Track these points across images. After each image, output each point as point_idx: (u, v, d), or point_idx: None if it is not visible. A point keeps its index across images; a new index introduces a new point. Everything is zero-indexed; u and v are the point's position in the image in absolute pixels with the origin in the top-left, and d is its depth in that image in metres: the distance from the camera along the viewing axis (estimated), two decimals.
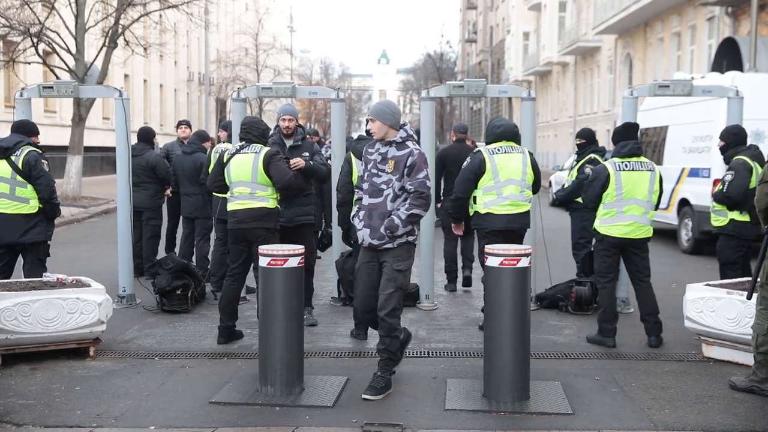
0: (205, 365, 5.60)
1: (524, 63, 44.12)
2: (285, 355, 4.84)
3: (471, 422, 4.46)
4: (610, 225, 6.04)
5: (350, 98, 69.67)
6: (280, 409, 4.62)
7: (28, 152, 6.31)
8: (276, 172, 5.87)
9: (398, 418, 4.44)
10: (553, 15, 37.86)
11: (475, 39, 63.18)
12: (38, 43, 17.33)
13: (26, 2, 17.23)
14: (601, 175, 6.06)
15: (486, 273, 4.95)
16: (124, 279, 7.46)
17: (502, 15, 52.29)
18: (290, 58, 48.17)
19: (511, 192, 6.08)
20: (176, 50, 34.15)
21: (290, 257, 4.84)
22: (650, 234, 6.11)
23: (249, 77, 36.49)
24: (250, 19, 42.73)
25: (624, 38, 28.91)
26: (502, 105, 49.57)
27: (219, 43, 42.31)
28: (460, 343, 6.24)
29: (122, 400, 4.75)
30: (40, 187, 6.29)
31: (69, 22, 18.18)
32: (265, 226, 5.91)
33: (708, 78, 11.50)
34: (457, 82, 7.57)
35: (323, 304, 7.54)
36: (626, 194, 6.00)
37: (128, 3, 18.58)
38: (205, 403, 4.70)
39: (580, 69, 35.68)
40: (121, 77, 28.88)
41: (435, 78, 51.76)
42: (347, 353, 5.93)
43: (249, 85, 10.69)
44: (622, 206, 6.00)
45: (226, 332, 6.09)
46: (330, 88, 8.07)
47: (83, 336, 5.66)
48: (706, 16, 21.28)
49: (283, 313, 4.83)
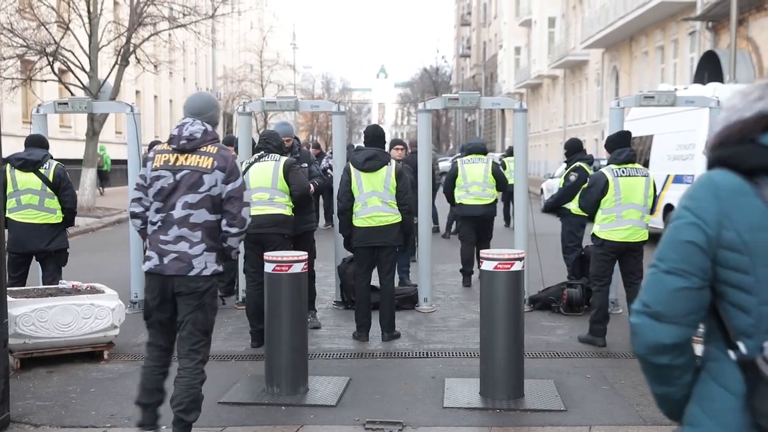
0: (213, 367, 5.67)
1: (516, 76, 44.59)
2: (290, 356, 4.96)
3: (468, 419, 4.57)
4: (610, 230, 6.15)
5: (351, 111, 70.16)
6: (285, 409, 4.73)
7: (57, 165, 6.65)
8: (295, 179, 6.10)
9: (399, 416, 4.53)
10: (543, 30, 38.41)
11: (469, 54, 63.64)
12: (54, 62, 17.68)
13: (42, 23, 17.63)
14: (599, 182, 6.18)
15: (481, 276, 5.11)
16: (136, 285, 7.61)
17: (494, 31, 52.70)
18: (293, 73, 48.49)
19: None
20: (185, 67, 34.58)
21: (294, 263, 4.98)
22: (647, 237, 6.23)
23: (254, 92, 36.78)
24: (255, 37, 43.13)
25: (610, 52, 29.25)
26: (496, 116, 49.81)
27: (225, 60, 42.70)
28: (458, 343, 6.35)
29: None
30: (67, 198, 6.60)
31: (83, 42, 18.53)
32: (281, 232, 6.07)
33: (690, 89, 11.71)
34: (453, 95, 7.73)
35: (326, 308, 7.67)
36: (624, 199, 6.11)
37: (139, 23, 18.93)
38: (214, 403, 4.80)
39: (569, 81, 36.09)
40: (132, 93, 29.25)
41: (431, 91, 52.19)
42: (350, 354, 6.04)
43: (254, 99, 10.93)
44: (620, 211, 6.11)
45: (258, 336, 6.02)
46: (331, 101, 8.28)
47: (98, 340, 5.82)
48: (688, 30, 21.53)
49: (288, 317, 4.95)
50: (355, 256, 6.57)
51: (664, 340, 1.58)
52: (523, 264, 5.03)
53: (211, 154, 3.92)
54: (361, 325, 6.41)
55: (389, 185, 6.31)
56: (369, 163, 6.29)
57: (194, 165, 3.90)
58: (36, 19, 17.78)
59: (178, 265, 3.86)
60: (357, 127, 75.20)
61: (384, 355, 6.03)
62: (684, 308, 1.57)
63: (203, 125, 3.98)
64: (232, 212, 3.91)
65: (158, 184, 3.93)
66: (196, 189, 3.88)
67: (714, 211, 1.55)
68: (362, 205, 6.31)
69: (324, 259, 8.27)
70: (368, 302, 6.44)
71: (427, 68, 63.09)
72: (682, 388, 1.64)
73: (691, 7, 20.18)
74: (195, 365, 3.97)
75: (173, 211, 3.89)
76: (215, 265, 3.95)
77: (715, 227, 1.55)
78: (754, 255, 1.52)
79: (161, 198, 3.93)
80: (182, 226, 3.88)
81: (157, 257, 3.90)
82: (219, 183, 3.90)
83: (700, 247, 1.55)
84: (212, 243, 3.92)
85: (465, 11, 65.91)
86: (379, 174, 6.32)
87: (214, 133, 4.03)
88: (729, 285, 1.56)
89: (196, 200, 3.88)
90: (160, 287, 3.93)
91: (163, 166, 3.95)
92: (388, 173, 6.33)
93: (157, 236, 3.93)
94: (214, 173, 3.89)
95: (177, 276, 3.87)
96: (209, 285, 3.94)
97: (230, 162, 3.95)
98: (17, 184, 6.47)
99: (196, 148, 3.93)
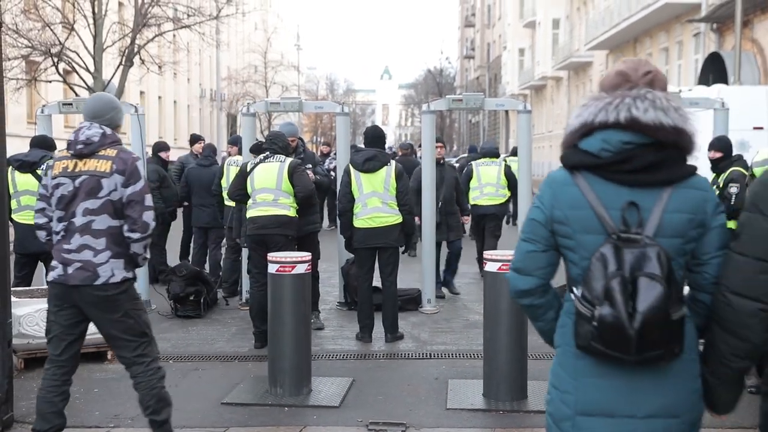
0: (217, 368, 5.76)
1: (520, 78, 44.62)
2: (293, 357, 4.97)
3: (471, 421, 4.58)
4: None
5: (354, 112, 70.08)
6: (288, 409, 4.74)
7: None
8: (300, 181, 6.08)
9: (402, 418, 4.54)
10: (547, 32, 38.43)
11: (473, 55, 63.68)
12: (58, 62, 17.76)
13: (47, 24, 17.71)
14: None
15: (485, 277, 5.11)
16: (139, 286, 7.57)
17: (498, 32, 52.70)
18: (297, 74, 48.57)
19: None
20: (189, 68, 34.59)
21: (298, 264, 4.99)
22: None
23: (258, 93, 36.85)
24: (259, 38, 43.22)
25: (615, 53, 29.23)
26: (500, 118, 49.81)
27: (230, 60, 42.78)
28: (461, 345, 6.36)
29: None
30: None
31: (88, 43, 18.59)
32: (285, 233, 6.06)
33: (695, 91, 11.69)
34: (456, 96, 7.76)
35: (330, 309, 7.69)
36: None
37: (144, 24, 18.99)
38: (217, 404, 4.83)
39: (573, 83, 36.08)
40: (137, 94, 29.30)
41: (435, 92, 52.18)
42: (353, 355, 6.05)
43: (258, 100, 10.96)
44: None
45: (262, 337, 6.05)
46: (335, 102, 8.30)
47: (101, 340, 5.74)
48: (693, 32, 21.52)
49: (292, 318, 4.96)
50: (356, 257, 6.57)
51: (523, 286, 2.21)
52: None
53: (109, 157, 3.79)
54: (364, 326, 6.42)
55: (389, 186, 6.32)
56: (369, 164, 6.29)
57: (92, 170, 3.77)
58: (41, 20, 17.85)
59: (83, 274, 3.72)
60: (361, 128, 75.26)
61: (387, 356, 6.04)
62: (534, 265, 2.19)
63: (101, 128, 3.85)
64: (133, 217, 3.76)
65: (58, 192, 3.81)
66: (95, 194, 3.75)
67: (549, 197, 2.16)
68: (362, 206, 6.31)
69: (328, 260, 8.29)
70: (371, 303, 6.44)
71: (431, 69, 63.11)
72: (547, 322, 2.26)
73: (696, 9, 20.16)
74: (146, 367, 3.87)
75: (74, 218, 3.76)
76: (124, 272, 3.80)
77: (549, 208, 2.15)
78: (573, 226, 2.11)
79: (62, 206, 3.80)
80: (85, 234, 3.74)
81: (61, 267, 3.76)
82: (119, 187, 3.76)
83: (540, 223, 2.17)
84: (119, 249, 3.79)
85: (469, 12, 65.98)
86: (378, 174, 6.32)
87: (114, 136, 3.89)
88: (563, 247, 2.16)
89: (97, 206, 3.75)
90: (63, 298, 3.80)
91: (62, 173, 3.81)
92: (388, 174, 6.33)
93: (60, 245, 3.79)
94: (113, 177, 3.76)
95: (82, 286, 3.73)
96: (121, 291, 3.79)
97: (130, 164, 3.80)
98: (17, 185, 6.50)
99: (95, 152, 3.80)
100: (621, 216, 2.06)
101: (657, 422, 2.05)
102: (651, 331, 1.94)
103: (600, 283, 2.00)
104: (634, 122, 2.07)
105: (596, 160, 2.10)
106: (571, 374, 2.13)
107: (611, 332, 1.97)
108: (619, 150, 2.08)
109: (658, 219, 2.06)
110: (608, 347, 1.99)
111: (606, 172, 2.09)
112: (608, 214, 2.07)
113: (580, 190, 2.11)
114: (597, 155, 2.10)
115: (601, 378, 2.07)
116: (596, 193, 2.09)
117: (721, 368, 2.12)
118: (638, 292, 1.95)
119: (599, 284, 2.00)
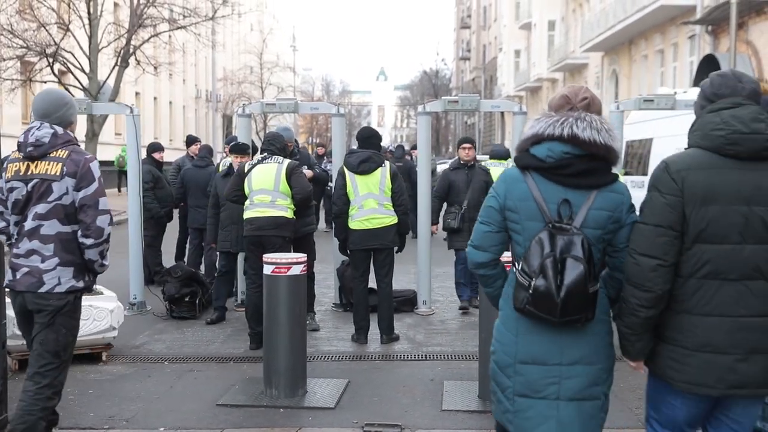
0: (212, 369, 5.76)
1: (516, 79, 44.68)
2: (289, 358, 4.97)
3: (467, 422, 4.58)
4: None
5: (350, 113, 70.29)
6: (284, 411, 4.74)
7: None
8: (297, 182, 6.08)
9: (397, 419, 4.55)
10: (543, 34, 38.50)
11: (468, 57, 63.73)
12: (54, 63, 17.70)
13: (42, 24, 17.67)
14: None
15: None
16: (134, 287, 7.65)
17: (494, 34, 52.77)
18: (293, 75, 48.55)
19: None
20: (185, 69, 34.58)
21: (293, 265, 4.99)
22: None
23: (254, 94, 36.81)
24: (254, 39, 43.19)
25: (610, 55, 29.33)
26: (495, 119, 49.88)
27: (225, 61, 42.72)
28: (456, 346, 6.36)
29: (133, 403, 4.89)
30: None
31: (83, 43, 18.56)
32: (281, 235, 6.05)
33: (690, 92, 11.65)
34: (452, 98, 7.75)
35: (325, 310, 7.69)
36: None
37: (139, 24, 18.97)
38: (213, 405, 4.83)
39: (569, 84, 36.02)
40: (132, 95, 29.26)
41: (431, 94, 52.27)
42: (348, 357, 6.05)
43: (254, 101, 10.94)
44: None
45: (257, 338, 6.00)
46: (331, 103, 8.29)
47: (96, 342, 5.82)
48: (688, 34, 21.58)
49: (287, 319, 4.96)
50: (352, 259, 6.57)
51: (479, 260, 2.81)
52: None
53: (60, 159, 3.60)
54: (360, 327, 6.41)
55: (384, 187, 6.31)
56: (363, 166, 6.29)
57: (43, 173, 3.60)
58: (36, 21, 17.81)
59: (29, 280, 3.60)
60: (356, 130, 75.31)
61: (383, 358, 6.04)
62: (489, 243, 2.77)
63: (52, 128, 3.65)
64: (86, 222, 3.61)
65: (12, 196, 3.67)
66: (45, 198, 3.59)
67: (503, 190, 2.74)
68: (359, 208, 6.30)
69: (323, 262, 8.28)
70: (367, 305, 6.44)
71: (426, 71, 63.22)
72: (496, 289, 2.86)
73: (691, 11, 20.22)
74: (37, 389, 3.62)
75: (25, 222, 3.63)
76: (73, 281, 3.65)
77: (503, 198, 2.72)
78: (521, 214, 2.68)
79: (17, 210, 3.67)
80: (33, 239, 3.60)
81: (11, 272, 3.66)
82: (70, 190, 3.59)
83: (495, 209, 2.74)
84: (69, 257, 3.63)
85: (465, 14, 66.01)
86: (374, 176, 6.31)
87: (66, 136, 3.68)
88: (511, 230, 2.74)
89: (46, 210, 3.59)
90: (17, 303, 3.69)
91: (14, 176, 3.67)
92: (383, 175, 6.33)
93: (12, 250, 3.69)
94: (63, 180, 3.58)
95: (27, 292, 3.61)
96: (63, 303, 3.63)
97: (82, 166, 3.61)
98: None
99: (46, 154, 3.61)
100: (557, 209, 2.64)
101: (578, 368, 2.68)
102: (572, 301, 2.54)
103: (537, 261, 2.56)
104: (574, 138, 2.64)
105: (542, 164, 2.67)
106: (512, 331, 2.73)
107: (542, 299, 2.55)
108: (560, 158, 2.65)
109: (585, 214, 2.64)
110: (539, 311, 2.58)
111: (548, 174, 2.66)
112: (547, 207, 2.65)
113: (528, 186, 2.68)
114: (543, 160, 2.67)
115: (535, 335, 2.67)
116: (540, 190, 2.66)
117: (632, 318, 2.68)
118: (565, 269, 2.53)
119: (536, 261, 2.56)
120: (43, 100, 3.73)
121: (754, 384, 2.60)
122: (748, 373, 2.58)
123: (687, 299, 2.62)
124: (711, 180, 2.58)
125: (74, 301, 3.68)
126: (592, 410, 2.69)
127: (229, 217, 6.97)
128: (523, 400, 2.69)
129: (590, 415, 2.69)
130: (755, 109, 2.64)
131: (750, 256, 2.57)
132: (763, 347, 2.59)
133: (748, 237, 2.56)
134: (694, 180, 2.58)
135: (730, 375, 2.58)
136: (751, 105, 2.65)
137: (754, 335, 2.58)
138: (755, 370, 2.58)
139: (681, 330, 2.65)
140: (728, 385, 2.59)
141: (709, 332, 2.59)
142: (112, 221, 3.78)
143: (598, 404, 2.71)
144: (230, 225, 6.98)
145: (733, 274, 2.57)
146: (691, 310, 2.62)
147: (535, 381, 2.67)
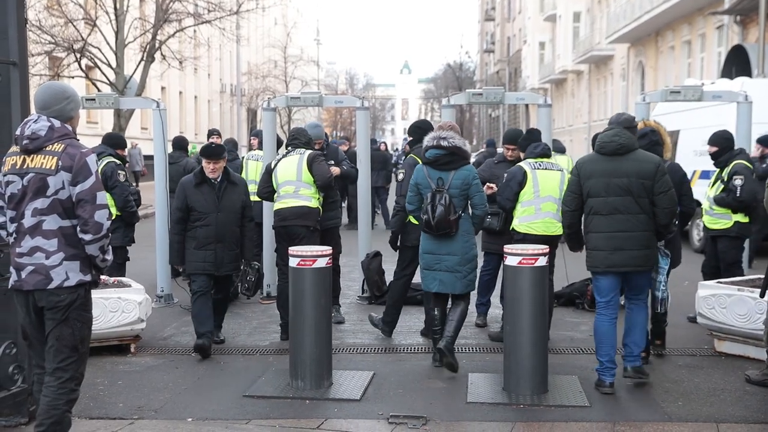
0: (238, 361, 5.81)
1: (540, 71, 44.24)
2: (314, 350, 5.00)
3: (492, 414, 4.58)
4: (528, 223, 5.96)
5: (374, 107, 70.14)
6: (309, 402, 4.77)
7: (107, 163, 6.85)
8: (318, 170, 6.06)
9: (422, 411, 4.56)
10: (568, 25, 38.08)
11: (493, 49, 63.30)
12: (81, 58, 17.95)
13: (70, 20, 17.90)
14: (517, 175, 6.02)
15: (505, 271, 5.12)
16: (162, 280, 7.74)
17: (518, 26, 52.29)
18: (317, 69, 48.59)
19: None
20: (209, 63, 34.79)
21: (319, 258, 5.01)
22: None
23: (278, 88, 36.95)
24: (279, 33, 43.35)
25: (636, 47, 28.91)
26: (520, 112, 49.49)
27: (250, 56, 42.95)
28: (481, 339, 6.38)
29: (161, 394, 4.96)
30: (115, 197, 6.81)
31: (110, 39, 18.78)
32: (304, 224, 6.02)
33: (718, 84, 11.54)
34: (476, 90, 7.74)
35: (350, 303, 7.71)
36: (542, 192, 5.95)
37: (165, 19, 19.13)
38: (239, 397, 4.87)
39: (594, 77, 35.72)
40: (158, 89, 29.54)
41: (455, 87, 52.02)
42: (373, 349, 6.08)
43: (278, 95, 11.00)
44: (539, 204, 5.95)
45: (288, 328, 5.72)
46: (355, 97, 8.30)
47: (124, 333, 5.91)
48: (716, 24, 21.23)
49: (313, 311, 4.98)
50: (402, 254, 6.31)
51: (410, 208, 5.62)
52: (548, 259, 5.03)
53: (55, 153, 3.49)
54: (389, 321, 6.37)
55: None
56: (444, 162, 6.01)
57: (38, 167, 3.50)
58: (63, 16, 18.04)
59: (36, 278, 3.51)
60: (380, 123, 75.27)
61: (408, 350, 6.06)
62: (413, 201, 5.54)
63: (49, 121, 3.54)
64: (84, 217, 3.48)
65: (9, 191, 3.57)
66: (43, 193, 3.48)
67: (415, 175, 5.53)
68: None
69: (348, 255, 8.30)
70: (403, 302, 6.40)
71: (450, 64, 63.02)
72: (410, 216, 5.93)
73: (719, 1, 19.90)
74: (60, 384, 3.57)
75: (23, 219, 3.53)
76: (80, 275, 3.55)
77: (415, 179, 5.51)
78: (422, 186, 5.46)
79: (13, 205, 3.57)
80: (35, 235, 3.50)
81: (15, 272, 3.57)
82: (66, 185, 3.48)
83: (413, 185, 5.52)
84: (73, 251, 3.54)
85: (489, 6, 65.58)
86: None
87: (63, 129, 3.56)
88: (422, 194, 5.47)
89: (45, 205, 3.49)
90: (24, 304, 3.60)
91: (11, 170, 3.56)
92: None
93: (13, 249, 3.59)
94: (59, 175, 3.48)
95: (37, 290, 3.52)
96: (74, 297, 3.55)
97: (78, 160, 3.48)
98: None
99: (41, 148, 3.51)
100: (436, 182, 5.37)
101: (450, 257, 5.40)
102: (440, 224, 5.30)
103: (428, 206, 5.32)
104: (440, 145, 5.39)
105: (429, 160, 5.43)
106: (423, 239, 5.51)
107: (427, 224, 5.34)
108: (436, 156, 5.40)
109: (449, 183, 5.37)
110: (427, 229, 5.38)
111: (432, 165, 5.43)
112: (433, 181, 5.38)
113: (424, 172, 5.45)
114: (429, 159, 5.43)
115: (428, 240, 5.45)
116: (428, 173, 5.43)
117: (566, 230, 5.25)
118: (436, 210, 5.29)
119: (427, 206, 5.32)
120: (44, 93, 3.63)
121: (619, 265, 4.87)
122: (615, 260, 4.86)
123: (588, 225, 4.98)
124: (593, 167, 4.96)
125: (85, 294, 3.63)
126: (455, 277, 5.39)
127: (213, 236, 5.96)
128: (426, 271, 5.49)
129: (456, 278, 5.39)
130: (617, 131, 4.93)
131: (612, 203, 4.85)
132: (621, 246, 4.83)
133: (611, 193, 4.85)
134: (584, 167, 4.99)
135: (605, 261, 4.89)
136: (616, 128, 4.96)
137: (617, 241, 4.85)
138: (620, 257, 4.85)
139: (589, 241, 4.99)
140: (606, 266, 4.89)
141: (597, 241, 4.92)
142: (110, 216, 3.68)
143: (459, 276, 5.38)
144: (214, 243, 5.96)
145: (604, 211, 4.88)
146: (590, 231, 4.95)
147: (429, 261, 5.44)
